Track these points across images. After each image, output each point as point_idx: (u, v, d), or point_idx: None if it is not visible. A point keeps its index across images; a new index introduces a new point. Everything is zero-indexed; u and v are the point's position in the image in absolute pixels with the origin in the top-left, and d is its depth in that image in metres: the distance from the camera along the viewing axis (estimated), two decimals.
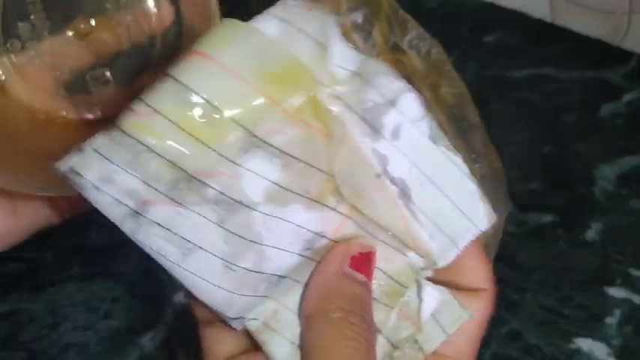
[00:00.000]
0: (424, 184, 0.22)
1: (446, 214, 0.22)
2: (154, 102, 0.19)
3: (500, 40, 0.61)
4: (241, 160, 0.20)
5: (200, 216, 0.20)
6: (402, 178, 0.22)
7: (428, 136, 0.22)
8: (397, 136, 0.22)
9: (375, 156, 0.22)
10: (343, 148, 0.22)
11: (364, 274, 0.22)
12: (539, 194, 0.52)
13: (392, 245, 0.23)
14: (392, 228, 0.23)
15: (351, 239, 0.22)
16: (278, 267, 0.22)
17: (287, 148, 0.21)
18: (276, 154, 0.21)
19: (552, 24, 0.62)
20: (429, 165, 0.22)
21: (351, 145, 0.22)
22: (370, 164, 0.22)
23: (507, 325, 0.46)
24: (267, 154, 0.21)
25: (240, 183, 0.20)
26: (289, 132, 0.21)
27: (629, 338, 0.46)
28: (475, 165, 0.43)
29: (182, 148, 0.19)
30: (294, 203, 0.21)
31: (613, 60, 0.59)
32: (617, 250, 0.49)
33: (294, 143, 0.21)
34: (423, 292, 0.23)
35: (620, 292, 0.48)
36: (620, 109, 0.57)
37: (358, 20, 0.48)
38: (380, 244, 0.23)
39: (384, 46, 0.47)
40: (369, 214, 0.22)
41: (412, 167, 0.22)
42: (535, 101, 0.57)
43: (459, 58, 0.59)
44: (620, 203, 0.52)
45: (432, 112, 0.22)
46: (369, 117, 0.22)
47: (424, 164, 0.22)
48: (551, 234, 0.50)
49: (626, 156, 0.54)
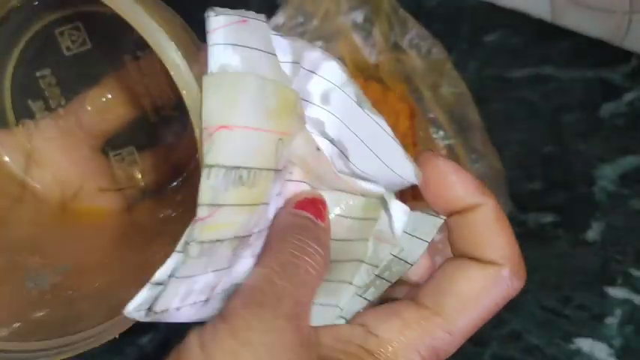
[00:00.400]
0: (358, 145, 0.22)
1: (380, 173, 0.23)
2: (212, 199, 0.19)
3: (501, 40, 0.61)
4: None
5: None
6: (339, 140, 0.23)
7: (355, 100, 0.22)
8: (327, 101, 0.22)
9: (310, 122, 0.22)
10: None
11: (310, 212, 0.23)
12: (540, 194, 0.52)
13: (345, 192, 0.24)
14: (339, 187, 0.24)
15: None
16: (244, 272, 0.22)
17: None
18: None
19: (553, 24, 0.62)
20: (359, 127, 0.22)
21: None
22: (311, 139, 0.23)
23: (508, 326, 0.46)
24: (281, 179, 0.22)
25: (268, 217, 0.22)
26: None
27: (630, 338, 0.46)
28: (475, 165, 0.43)
29: (241, 218, 0.20)
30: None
31: (614, 60, 0.59)
32: (618, 250, 0.49)
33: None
34: (390, 208, 0.24)
35: (621, 293, 0.48)
36: (620, 109, 0.57)
37: (358, 19, 0.48)
38: (334, 192, 0.24)
39: (385, 45, 0.47)
40: (318, 176, 0.24)
41: (346, 129, 0.22)
42: (535, 101, 0.57)
43: (460, 58, 0.59)
44: (620, 203, 0.52)
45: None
46: (297, 88, 0.22)
47: (355, 126, 0.22)
48: (552, 234, 0.50)
49: (626, 156, 0.54)
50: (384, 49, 0.48)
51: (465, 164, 0.42)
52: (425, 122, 0.44)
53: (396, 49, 0.47)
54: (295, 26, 0.46)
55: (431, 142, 0.44)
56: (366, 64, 0.50)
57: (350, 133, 0.22)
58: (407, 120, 0.49)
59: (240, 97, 0.19)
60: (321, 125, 0.22)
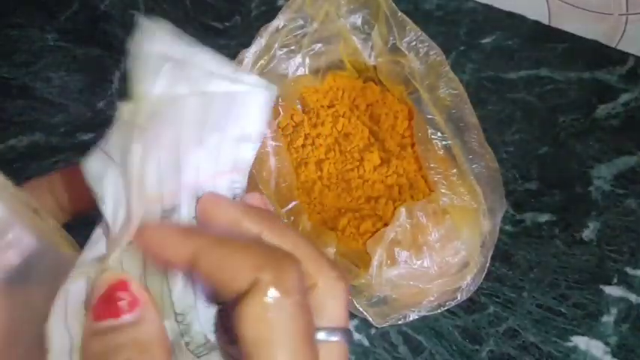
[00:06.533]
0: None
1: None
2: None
3: (498, 42, 0.62)
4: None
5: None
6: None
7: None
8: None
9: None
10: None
11: (111, 315, 0.19)
12: (536, 194, 0.53)
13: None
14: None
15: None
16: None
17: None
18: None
19: (549, 26, 0.62)
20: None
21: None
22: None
23: (505, 323, 0.47)
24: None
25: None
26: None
27: (626, 336, 0.46)
28: (472, 165, 0.43)
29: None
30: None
31: (609, 61, 0.60)
32: (614, 249, 0.50)
33: None
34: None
35: (617, 291, 0.48)
36: (616, 110, 0.57)
37: (358, 22, 0.49)
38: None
39: (383, 47, 0.48)
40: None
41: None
42: (532, 102, 0.58)
43: (457, 60, 0.60)
44: (616, 203, 0.52)
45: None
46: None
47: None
48: (548, 233, 0.51)
49: (622, 156, 0.54)
50: (383, 52, 0.48)
51: (462, 164, 0.43)
52: (423, 123, 0.45)
53: (395, 52, 0.47)
54: (295, 29, 0.46)
55: (429, 143, 0.44)
56: (365, 66, 0.51)
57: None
58: (405, 121, 0.49)
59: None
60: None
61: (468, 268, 0.41)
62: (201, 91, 0.21)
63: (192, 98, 0.20)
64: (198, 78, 0.21)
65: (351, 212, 0.45)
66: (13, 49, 0.60)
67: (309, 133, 0.48)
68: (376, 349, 0.46)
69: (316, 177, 0.47)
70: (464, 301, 0.43)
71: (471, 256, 0.41)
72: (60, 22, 0.63)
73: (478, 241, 0.42)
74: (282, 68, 0.48)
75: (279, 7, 0.57)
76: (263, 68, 0.46)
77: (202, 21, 0.61)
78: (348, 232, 0.44)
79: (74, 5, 0.64)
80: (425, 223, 0.41)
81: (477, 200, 0.42)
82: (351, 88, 0.51)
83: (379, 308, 0.41)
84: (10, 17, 0.63)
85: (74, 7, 0.64)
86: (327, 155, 0.47)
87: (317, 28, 0.47)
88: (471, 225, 0.42)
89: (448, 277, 0.41)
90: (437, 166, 0.44)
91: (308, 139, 0.48)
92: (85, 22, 0.63)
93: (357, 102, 0.50)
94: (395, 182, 0.46)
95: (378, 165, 0.47)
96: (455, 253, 0.41)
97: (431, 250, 0.41)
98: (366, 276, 0.40)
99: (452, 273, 0.42)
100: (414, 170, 0.47)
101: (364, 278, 0.40)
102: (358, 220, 0.44)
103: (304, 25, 0.46)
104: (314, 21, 0.47)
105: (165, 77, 0.20)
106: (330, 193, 0.46)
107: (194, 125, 0.21)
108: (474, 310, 0.47)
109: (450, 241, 0.41)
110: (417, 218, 0.41)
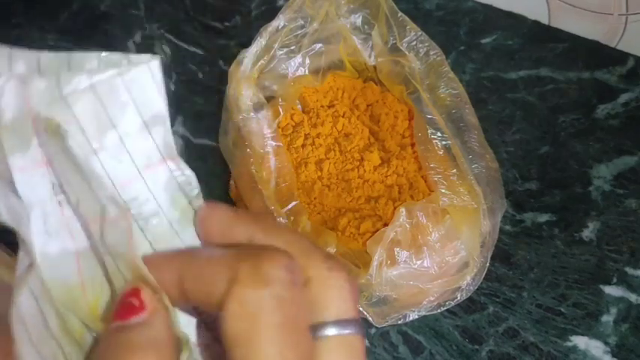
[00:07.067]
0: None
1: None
2: None
3: (498, 42, 0.62)
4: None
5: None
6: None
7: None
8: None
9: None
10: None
11: (124, 317, 0.19)
12: (536, 194, 0.53)
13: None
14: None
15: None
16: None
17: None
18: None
19: (549, 26, 0.62)
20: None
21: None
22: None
23: (505, 323, 0.47)
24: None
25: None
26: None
27: (626, 336, 0.46)
28: (472, 165, 0.43)
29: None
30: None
31: (609, 61, 0.60)
32: (614, 249, 0.50)
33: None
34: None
35: (617, 291, 0.48)
36: (616, 110, 0.57)
37: (358, 22, 0.49)
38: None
39: (383, 47, 0.48)
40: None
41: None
42: (532, 102, 0.58)
43: (457, 60, 0.60)
44: (616, 203, 0.52)
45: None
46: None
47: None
48: (548, 233, 0.51)
49: (622, 156, 0.54)
50: (383, 52, 0.48)
51: (462, 164, 0.43)
52: (423, 123, 0.45)
53: (395, 52, 0.47)
54: (295, 29, 0.46)
55: (429, 143, 0.44)
56: (365, 65, 0.51)
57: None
58: (405, 121, 0.49)
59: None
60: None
61: (468, 268, 0.41)
62: (70, 106, 0.19)
63: (69, 113, 0.19)
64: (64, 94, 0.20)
65: (351, 212, 0.45)
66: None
67: (309, 133, 0.48)
68: (376, 349, 0.46)
69: (316, 177, 0.47)
70: (464, 301, 0.43)
71: (471, 256, 0.41)
72: (60, 22, 0.63)
73: (478, 241, 0.42)
74: (282, 68, 0.48)
75: (279, 7, 0.57)
76: (263, 68, 0.46)
77: (202, 21, 0.61)
78: (348, 232, 0.44)
79: (74, 5, 0.64)
80: (425, 223, 0.41)
81: (476, 200, 0.42)
82: (351, 88, 0.51)
83: (379, 308, 0.41)
84: (10, 17, 0.63)
85: (74, 7, 0.64)
86: (327, 155, 0.48)
87: (317, 28, 0.47)
88: (470, 225, 0.42)
89: (448, 277, 0.41)
90: (437, 166, 0.44)
91: (308, 139, 0.48)
92: (85, 22, 0.63)
93: (357, 102, 0.51)
94: (395, 182, 0.46)
95: (378, 165, 0.47)
96: (455, 253, 0.41)
97: (431, 250, 0.41)
98: (366, 276, 0.40)
99: (452, 273, 0.42)
100: (414, 170, 0.47)
101: (364, 278, 0.40)
102: (358, 220, 0.44)
103: (304, 25, 0.46)
104: (314, 21, 0.47)
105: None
106: (330, 193, 0.46)
107: (85, 136, 0.19)
108: (474, 310, 0.47)
109: (450, 241, 0.41)
110: (417, 218, 0.41)
